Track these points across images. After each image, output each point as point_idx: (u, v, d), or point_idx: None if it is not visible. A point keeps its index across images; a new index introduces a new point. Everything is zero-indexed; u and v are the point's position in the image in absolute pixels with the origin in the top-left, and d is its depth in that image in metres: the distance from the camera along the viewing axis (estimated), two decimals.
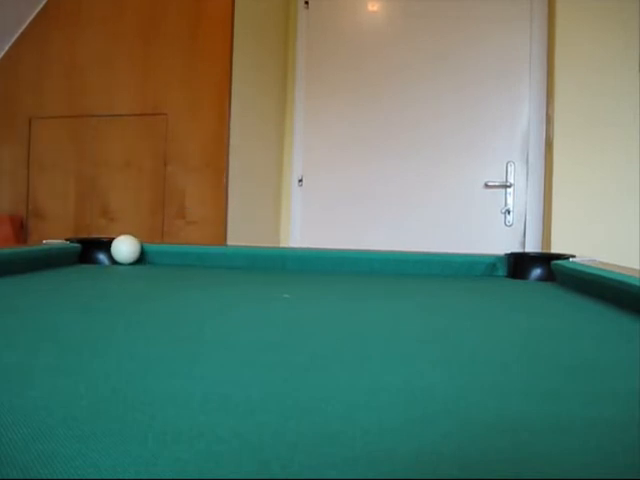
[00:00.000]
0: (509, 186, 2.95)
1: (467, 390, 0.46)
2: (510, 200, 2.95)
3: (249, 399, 0.42)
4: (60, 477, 0.28)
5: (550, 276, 1.38)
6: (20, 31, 2.66)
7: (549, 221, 2.71)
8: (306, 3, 3.21)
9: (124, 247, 1.47)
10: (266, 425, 0.36)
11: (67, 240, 1.57)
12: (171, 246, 1.67)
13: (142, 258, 1.57)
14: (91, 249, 1.56)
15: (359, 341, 0.67)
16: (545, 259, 1.43)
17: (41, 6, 2.64)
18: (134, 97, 2.55)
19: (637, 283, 0.89)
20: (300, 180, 3.22)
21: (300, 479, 0.29)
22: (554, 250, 2.58)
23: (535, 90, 2.91)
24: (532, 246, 2.89)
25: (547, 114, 2.84)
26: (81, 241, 1.57)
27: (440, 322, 0.82)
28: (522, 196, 2.94)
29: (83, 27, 2.61)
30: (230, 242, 2.39)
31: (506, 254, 1.51)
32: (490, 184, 2.96)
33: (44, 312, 0.80)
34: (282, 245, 3.13)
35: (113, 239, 1.55)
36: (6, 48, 2.67)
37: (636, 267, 1.09)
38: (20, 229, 2.64)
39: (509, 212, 2.95)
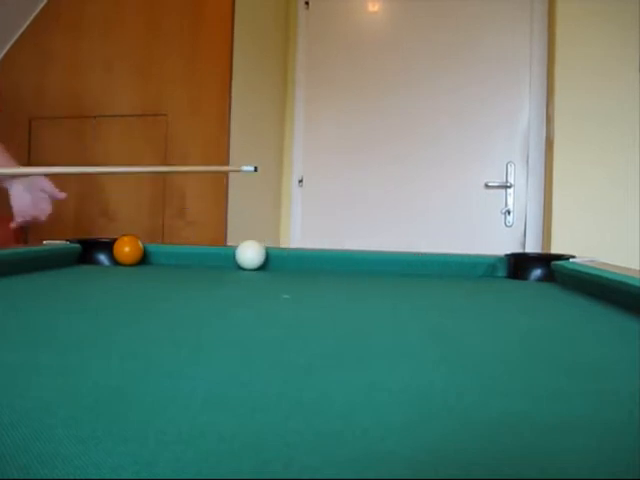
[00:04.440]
0: (509, 186, 2.95)
1: (468, 390, 0.46)
2: (510, 201, 2.95)
3: (249, 399, 0.42)
4: (60, 477, 0.28)
5: (550, 277, 1.38)
6: (20, 31, 2.66)
7: (549, 221, 2.71)
8: (306, 4, 3.21)
9: (250, 253, 1.46)
10: (266, 425, 0.36)
11: (67, 240, 1.57)
12: (172, 246, 1.67)
13: (145, 259, 1.57)
14: (91, 249, 1.56)
15: (359, 341, 0.67)
16: (545, 260, 1.43)
17: (41, 6, 2.64)
18: (134, 98, 2.55)
19: (637, 284, 0.89)
20: (300, 180, 3.22)
21: (300, 479, 0.29)
22: (554, 250, 2.58)
23: (535, 90, 2.91)
24: (532, 247, 2.89)
25: (547, 114, 2.84)
26: (81, 241, 1.57)
27: (440, 322, 0.82)
28: (522, 197, 2.94)
29: (83, 27, 2.61)
30: (230, 243, 2.39)
31: (506, 255, 1.51)
32: (490, 185, 2.96)
33: (44, 312, 0.80)
34: (282, 245, 3.13)
35: (114, 240, 1.55)
36: (6, 48, 2.67)
37: (636, 267, 1.09)
38: (20, 229, 2.63)
39: (509, 213, 2.95)
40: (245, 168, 1.52)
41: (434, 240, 2.95)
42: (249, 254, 1.46)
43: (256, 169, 1.52)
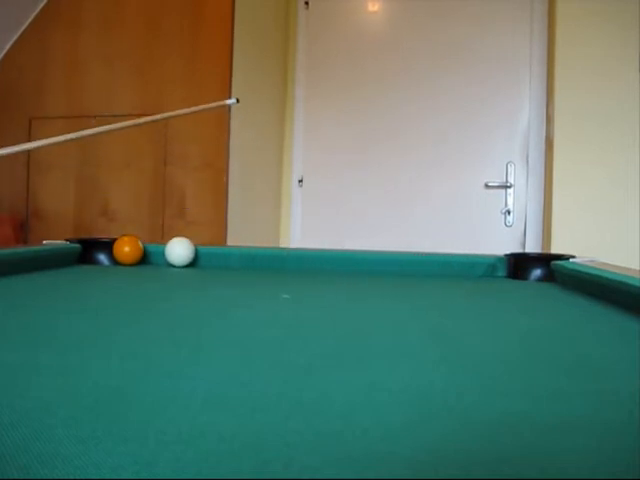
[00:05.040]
0: (509, 186, 2.95)
1: (468, 390, 0.46)
2: (510, 200, 2.95)
3: (249, 399, 0.42)
4: (60, 477, 0.28)
5: (550, 276, 1.38)
6: (20, 31, 2.66)
7: (549, 221, 2.71)
8: (306, 4, 3.21)
9: (178, 249, 1.47)
10: (266, 425, 0.36)
11: (67, 240, 1.57)
12: None
13: (145, 259, 1.57)
14: (91, 249, 1.56)
15: (359, 341, 0.67)
16: (545, 259, 1.43)
17: (41, 6, 2.64)
18: (134, 97, 2.55)
19: (637, 283, 0.89)
20: (300, 180, 3.22)
21: (300, 479, 0.29)
22: (554, 250, 2.58)
23: (535, 90, 2.91)
24: (532, 246, 2.89)
25: (547, 114, 2.84)
26: (81, 241, 1.57)
27: (440, 322, 0.82)
28: (522, 196, 2.94)
29: (83, 27, 2.61)
30: (230, 242, 2.39)
31: (506, 255, 1.51)
32: (490, 184, 2.96)
33: (44, 312, 0.80)
34: (282, 245, 3.13)
35: (113, 239, 1.55)
36: (6, 48, 2.67)
37: (636, 267, 1.09)
38: (20, 229, 2.63)
39: (509, 212, 2.95)
40: (229, 101, 1.64)
41: (434, 240, 2.95)
42: (177, 251, 1.47)
43: (238, 101, 1.65)
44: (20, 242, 2.57)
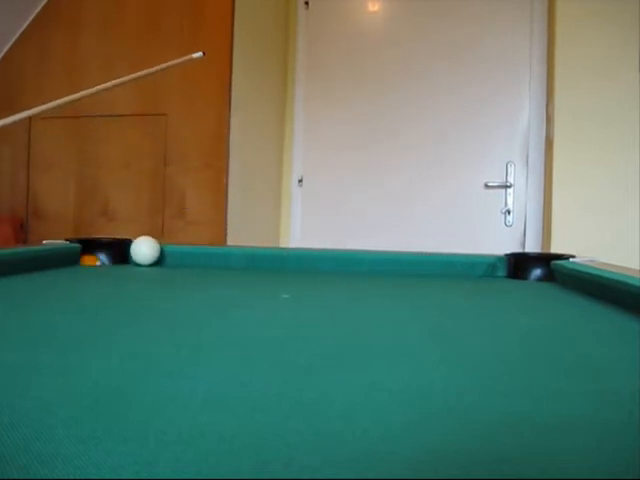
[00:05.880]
0: (509, 186, 2.95)
1: (468, 390, 0.46)
2: (510, 200, 2.95)
3: (249, 399, 0.42)
4: (60, 477, 0.28)
5: (550, 276, 1.38)
6: (20, 31, 2.66)
7: (549, 221, 2.71)
8: (306, 3, 3.21)
9: (144, 248, 1.48)
10: (266, 425, 0.36)
11: (67, 240, 1.57)
12: (171, 247, 1.67)
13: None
14: (91, 249, 1.56)
15: (359, 341, 0.67)
16: (545, 259, 1.43)
17: (41, 6, 2.64)
18: (134, 97, 2.55)
19: (637, 283, 0.89)
20: (300, 180, 3.22)
21: (300, 479, 0.29)
22: (554, 250, 2.58)
23: (535, 90, 2.91)
24: (532, 246, 2.89)
25: (547, 114, 2.84)
26: (81, 241, 1.57)
27: (441, 322, 0.82)
28: (522, 196, 2.94)
29: (83, 27, 2.61)
30: (230, 242, 2.39)
31: (506, 254, 1.51)
32: (490, 184, 2.96)
33: (44, 312, 0.80)
34: (282, 245, 3.12)
35: (113, 239, 1.55)
36: (6, 48, 2.67)
37: (636, 267, 1.09)
38: (20, 229, 2.63)
39: (509, 212, 2.95)
40: (195, 55, 1.71)
41: (434, 240, 2.95)
42: (143, 249, 1.48)
43: (204, 53, 1.71)
44: (20, 242, 2.57)
